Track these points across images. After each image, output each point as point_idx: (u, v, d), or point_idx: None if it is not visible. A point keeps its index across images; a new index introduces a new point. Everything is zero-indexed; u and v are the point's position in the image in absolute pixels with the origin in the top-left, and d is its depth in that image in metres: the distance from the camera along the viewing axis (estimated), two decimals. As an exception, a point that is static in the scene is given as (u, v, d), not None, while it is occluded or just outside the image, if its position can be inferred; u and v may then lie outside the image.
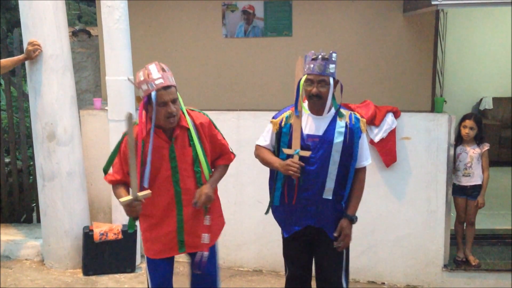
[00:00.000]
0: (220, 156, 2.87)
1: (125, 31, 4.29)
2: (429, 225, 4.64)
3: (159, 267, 2.82)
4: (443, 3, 4.05)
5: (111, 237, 4.36)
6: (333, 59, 2.80)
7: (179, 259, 3.05)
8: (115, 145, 2.71)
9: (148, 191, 2.54)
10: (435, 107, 4.71)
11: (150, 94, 2.52)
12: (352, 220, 2.93)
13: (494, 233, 5.24)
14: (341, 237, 2.90)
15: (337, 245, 2.91)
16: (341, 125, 2.84)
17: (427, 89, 5.13)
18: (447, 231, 4.67)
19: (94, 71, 6.31)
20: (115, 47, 4.27)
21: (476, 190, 4.57)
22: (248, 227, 4.76)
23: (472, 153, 4.53)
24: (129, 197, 2.51)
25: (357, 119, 2.91)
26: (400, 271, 4.74)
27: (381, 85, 5.15)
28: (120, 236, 4.38)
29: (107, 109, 4.48)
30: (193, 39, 5.24)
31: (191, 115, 2.73)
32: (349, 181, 2.92)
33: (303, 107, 2.89)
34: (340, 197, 2.91)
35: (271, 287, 4.51)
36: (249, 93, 5.25)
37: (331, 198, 2.87)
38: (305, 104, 2.92)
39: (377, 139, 4.46)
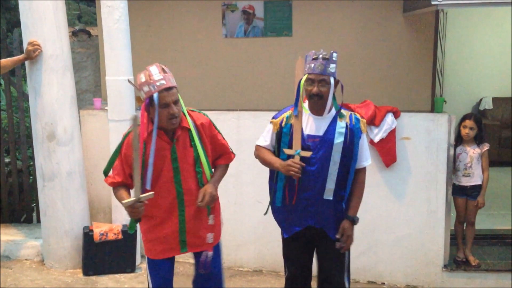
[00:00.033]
0: (220, 156, 2.88)
1: (125, 31, 4.29)
2: (429, 225, 4.64)
3: (160, 268, 2.82)
4: (443, 3, 4.05)
5: (111, 237, 4.36)
6: (334, 58, 2.80)
7: (179, 259, 3.06)
8: (115, 146, 2.71)
9: (150, 193, 2.54)
10: (435, 107, 4.71)
11: (152, 95, 2.51)
12: (353, 221, 2.93)
13: (494, 233, 5.24)
14: (344, 238, 2.90)
15: (339, 246, 2.91)
16: (341, 126, 2.84)
17: (427, 89, 5.13)
18: (447, 231, 4.67)
19: (94, 71, 6.32)
20: (115, 47, 4.27)
21: (476, 190, 4.57)
22: (248, 227, 4.75)
23: (472, 153, 4.53)
24: (132, 199, 2.51)
25: (357, 119, 2.91)
26: (400, 271, 4.74)
27: (381, 85, 5.15)
28: (120, 236, 4.38)
29: (107, 109, 4.48)
30: (193, 39, 5.24)
31: (192, 116, 2.73)
32: (349, 181, 2.91)
33: (304, 107, 2.89)
34: (340, 198, 2.91)
35: (271, 287, 4.51)
36: (249, 93, 5.24)
37: (331, 198, 2.86)
38: (306, 104, 2.92)
39: (377, 139, 4.46)
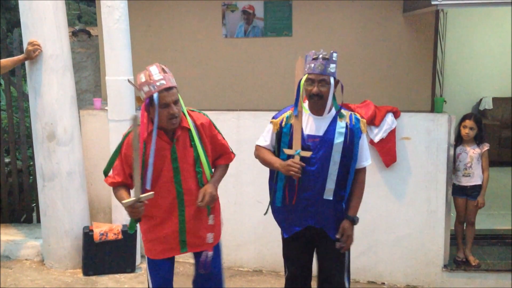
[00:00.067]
0: (220, 156, 2.88)
1: (125, 31, 4.29)
2: (429, 225, 4.64)
3: (160, 268, 2.83)
4: (443, 3, 4.05)
5: (111, 237, 4.36)
6: (334, 58, 2.80)
7: (179, 259, 3.05)
8: (115, 146, 2.71)
9: (150, 193, 2.54)
10: (435, 107, 4.71)
11: (152, 95, 2.51)
12: (353, 221, 2.93)
13: (494, 233, 5.24)
14: (344, 238, 2.90)
15: (339, 246, 2.91)
16: (341, 126, 2.84)
17: (427, 89, 5.13)
18: (447, 231, 4.67)
19: (94, 71, 6.32)
20: (115, 47, 4.27)
21: (476, 190, 4.57)
22: (248, 227, 4.75)
23: (472, 153, 4.53)
24: (132, 199, 2.51)
25: (357, 119, 2.91)
26: (400, 271, 4.74)
27: (381, 85, 5.15)
28: (120, 236, 4.38)
29: (107, 109, 4.48)
30: (193, 39, 5.24)
31: (192, 116, 2.74)
32: (349, 181, 2.91)
33: (303, 107, 2.89)
34: (340, 198, 2.91)
35: (271, 287, 4.51)
36: (249, 93, 5.24)
37: (331, 198, 2.86)
38: (306, 104, 2.92)
39: (377, 139, 4.45)
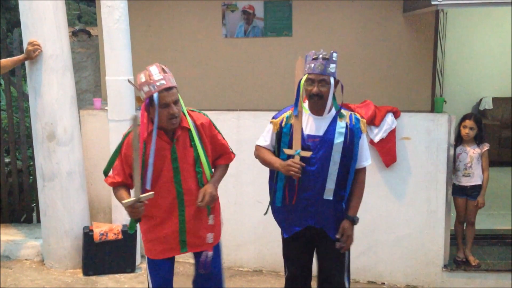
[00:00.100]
0: (220, 156, 2.88)
1: (125, 31, 4.29)
2: (429, 225, 4.64)
3: (160, 268, 2.83)
4: (443, 3, 4.05)
5: (111, 237, 4.36)
6: (334, 58, 2.80)
7: (179, 259, 3.06)
8: (115, 146, 2.71)
9: (150, 193, 2.54)
10: (435, 107, 4.71)
11: (152, 96, 2.52)
12: (353, 221, 2.92)
13: (494, 233, 5.24)
14: (344, 238, 2.90)
15: (340, 246, 2.91)
16: (341, 126, 2.84)
17: (427, 89, 5.13)
18: (447, 231, 4.66)
19: (94, 71, 6.32)
20: (115, 47, 4.27)
21: (476, 190, 4.57)
22: (248, 227, 4.75)
23: (472, 153, 4.53)
24: (132, 199, 2.51)
25: (357, 119, 2.91)
26: (400, 271, 4.74)
27: (381, 85, 5.15)
28: (120, 236, 4.38)
29: (107, 109, 4.48)
30: (193, 39, 5.24)
31: (192, 116, 2.74)
32: (349, 181, 2.91)
33: (304, 107, 2.89)
34: (340, 198, 2.91)
35: (271, 287, 4.51)
36: (249, 93, 5.24)
37: (331, 198, 2.86)
38: (306, 104, 2.92)
39: (377, 139, 4.45)
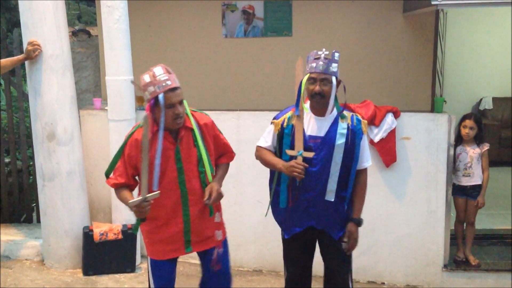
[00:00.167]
0: (222, 155, 2.90)
1: (125, 31, 4.29)
2: (429, 225, 4.64)
3: (163, 269, 2.82)
4: (443, 3, 4.05)
5: (111, 237, 4.36)
6: (336, 58, 2.80)
7: (179, 259, 3.05)
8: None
9: (156, 192, 2.55)
10: (435, 107, 4.71)
11: (157, 96, 2.52)
12: (359, 223, 2.93)
13: (494, 233, 5.24)
14: (351, 241, 2.90)
15: (347, 249, 2.91)
16: (343, 127, 2.83)
17: (427, 89, 5.13)
18: (447, 231, 4.67)
19: (94, 71, 6.32)
20: (115, 47, 4.27)
21: (476, 190, 4.57)
22: (248, 227, 4.75)
23: (472, 153, 4.53)
24: (138, 199, 2.51)
25: (358, 120, 2.90)
26: (400, 271, 4.74)
27: (381, 85, 5.15)
28: (120, 236, 4.38)
29: (107, 109, 4.47)
30: (193, 39, 5.24)
31: (195, 116, 2.75)
32: (350, 182, 2.91)
33: (304, 107, 2.88)
34: (341, 198, 2.91)
35: (271, 287, 4.51)
36: (249, 93, 5.25)
37: (333, 200, 2.85)
38: (307, 105, 2.92)
39: (377, 139, 4.46)
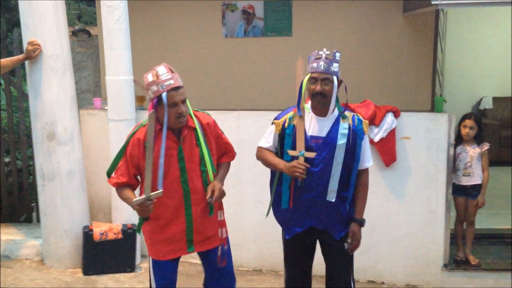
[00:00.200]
0: (223, 154, 2.91)
1: (125, 30, 4.29)
2: (429, 224, 4.64)
3: (165, 269, 2.82)
4: (442, 2, 4.05)
5: (111, 236, 4.36)
6: (337, 58, 2.81)
7: (180, 259, 3.05)
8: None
9: (159, 191, 2.55)
10: (435, 106, 4.71)
11: (160, 95, 2.53)
12: (361, 223, 2.94)
13: (494, 233, 5.24)
14: (354, 242, 2.91)
15: (350, 249, 2.91)
16: (344, 127, 2.83)
17: (427, 89, 5.14)
18: (447, 231, 4.67)
19: (94, 71, 6.32)
20: (115, 47, 4.27)
21: (476, 189, 4.57)
22: (248, 227, 4.75)
23: (472, 152, 4.53)
24: (142, 197, 2.52)
25: (360, 120, 2.90)
26: (399, 271, 4.74)
27: (381, 85, 5.16)
28: (120, 235, 4.38)
29: (107, 109, 4.47)
30: (193, 39, 5.25)
31: (197, 116, 2.76)
32: (351, 182, 2.91)
33: (305, 107, 2.88)
34: (343, 199, 2.90)
35: (271, 286, 4.51)
36: (249, 93, 5.25)
37: (334, 200, 2.85)
38: (308, 105, 2.91)
39: (377, 139, 4.46)
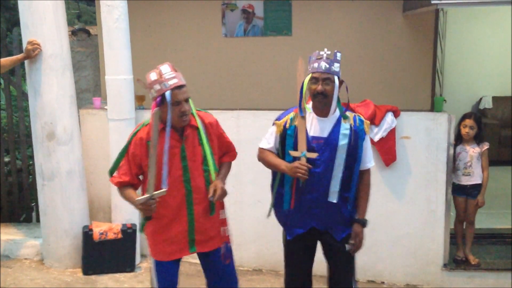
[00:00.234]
0: (225, 153, 2.91)
1: (124, 30, 4.29)
2: (429, 224, 4.64)
3: (168, 270, 2.81)
4: (442, 2, 4.04)
5: (111, 236, 4.36)
6: (338, 58, 2.82)
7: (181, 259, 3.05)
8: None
9: (163, 190, 2.54)
10: (434, 106, 4.71)
11: (163, 94, 2.53)
12: (364, 224, 2.94)
13: (493, 233, 5.25)
14: (357, 242, 2.91)
15: (353, 251, 2.91)
16: (345, 127, 2.83)
17: (426, 89, 5.13)
18: (447, 231, 4.67)
19: (93, 70, 6.31)
20: (114, 47, 4.27)
21: (476, 189, 4.57)
22: (248, 227, 4.75)
23: (472, 152, 4.53)
24: (145, 196, 2.51)
25: (361, 121, 2.90)
26: (399, 271, 4.74)
27: (381, 85, 5.15)
28: (119, 235, 4.37)
29: (106, 108, 4.47)
30: (193, 39, 5.24)
31: (200, 115, 2.77)
32: (353, 183, 2.91)
33: (306, 107, 2.88)
34: (344, 199, 2.90)
35: (271, 286, 4.51)
36: (249, 93, 5.24)
37: (336, 201, 2.85)
38: (309, 105, 2.91)
39: (376, 139, 4.46)
